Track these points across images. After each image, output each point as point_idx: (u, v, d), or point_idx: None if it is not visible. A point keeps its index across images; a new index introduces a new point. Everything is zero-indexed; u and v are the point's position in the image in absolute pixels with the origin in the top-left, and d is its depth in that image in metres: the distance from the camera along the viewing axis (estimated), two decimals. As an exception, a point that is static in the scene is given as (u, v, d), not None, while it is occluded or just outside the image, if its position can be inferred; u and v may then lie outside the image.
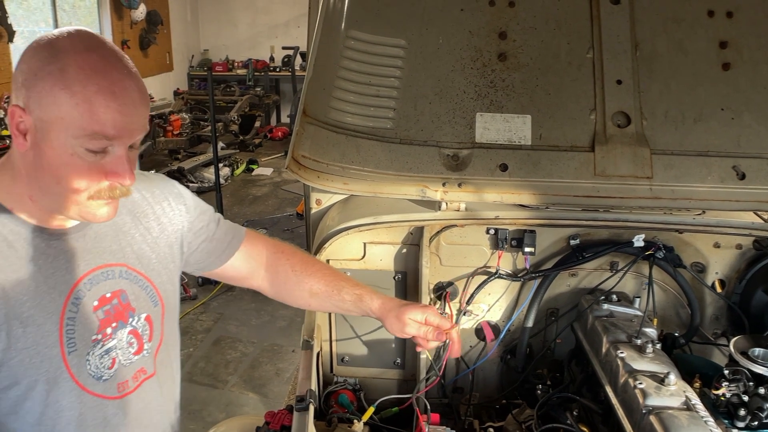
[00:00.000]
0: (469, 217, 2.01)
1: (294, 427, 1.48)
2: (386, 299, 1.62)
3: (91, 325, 1.28)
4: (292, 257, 1.67)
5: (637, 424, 1.56)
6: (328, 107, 1.98)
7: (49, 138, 1.13)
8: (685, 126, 2.04)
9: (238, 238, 1.63)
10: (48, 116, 1.12)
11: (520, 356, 2.19)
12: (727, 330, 2.17)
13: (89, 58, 1.12)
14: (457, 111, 2.03)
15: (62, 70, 1.11)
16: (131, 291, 1.36)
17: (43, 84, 1.11)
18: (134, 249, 1.38)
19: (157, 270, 1.42)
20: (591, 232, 2.10)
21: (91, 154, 1.15)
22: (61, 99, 1.11)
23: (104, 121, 1.12)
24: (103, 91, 1.11)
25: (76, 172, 1.16)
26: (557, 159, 1.99)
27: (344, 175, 1.96)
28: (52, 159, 1.15)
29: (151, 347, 1.41)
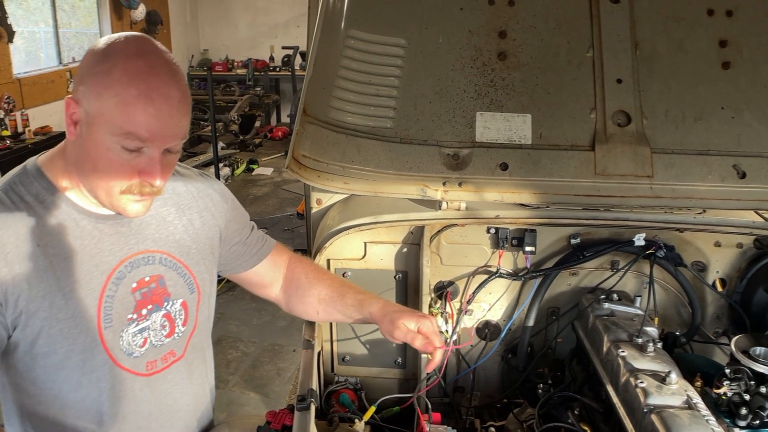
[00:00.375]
0: (470, 216, 2.01)
1: (295, 426, 1.48)
2: (387, 304, 1.67)
3: (128, 305, 1.39)
4: (307, 266, 1.80)
5: (639, 423, 1.56)
6: (329, 107, 1.98)
7: (92, 131, 1.23)
8: (686, 125, 2.04)
9: (268, 246, 1.76)
10: (92, 111, 1.22)
11: (521, 355, 2.18)
12: (728, 329, 2.17)
13: (136, 63, 1.21)
14: (457, 110, 2.02)
15: (109, 71, 1.20)
16: (169, 277, 1.46)
17: (92, 81, 1.22)
18: (176, 238, 1.48)
19: (196, 260, 1.52)
20: (592, 231, 2.10)
21: (126, 152, 1.24)
22: (104, 97, 1.20)
23: (139, 124, 1.21)
24: (142, 96, 1.20)
25: (110, 166, 1.25)
26: (557, 158, 1.99)
27: (345, 174, 1.96)
28: (92, 150, 1.24)
29: (185, 331, 1.52)
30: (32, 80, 7.63)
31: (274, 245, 1.78)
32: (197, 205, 1.56)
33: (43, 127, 7.30)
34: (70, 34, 8.95)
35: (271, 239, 1.80)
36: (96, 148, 1.24)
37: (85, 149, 1.26)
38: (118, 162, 1.25)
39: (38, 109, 7.57)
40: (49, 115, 7.74)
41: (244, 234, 1.69)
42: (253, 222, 1.78)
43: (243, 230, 1.69)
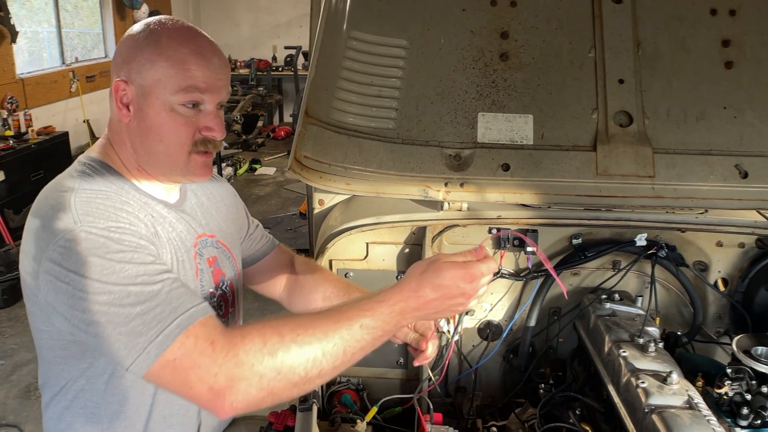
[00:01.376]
0: (472, 216, 2.02)
1: (297, 427, 1.48)
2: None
3: (210, 279, 1.48)
4: (312, 267, 1.82)
5: (640, 423, 1.56)
6: (330, 108, 1.99)
7: (150, 101, 1.29)
8: (688, 125, 2.04)
9: (272, 244, 1.79)
10: (148, 81, 1.28)
11: (522, 355, 2.19)
12: (729, 328, 2.17)
13: (179, 30, 1.31)
14: (459, 111, 2.03)
15: (157, 41, 1.29)
16: (221, 259, 1.53)
17: (141, 54, 1.29)
18: (217, 223, 1.56)
19: (234, 243, 1.61)
20: (593, 232, 2.10)
21: (187, 108, 1.30)
22: (159, 63, 1.28)
23: (196, 76, 1.29)
24: (193, 53, 1.29)
25: (176, 126, 1.31)
26: (559, 158, 1.99)
27: (346, 175, 1.97)
28: (154, 119, 1.30)
29: (232, 313, 1.58)
30: (35, 80, 7.64)
31: (278, 244, 1.82)
32: (220, 194, 1.64)
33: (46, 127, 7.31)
34: (73, 34, 8.96)
35: (274, 239, 1.83)
36: (158, 115, 1.30)
37: (146, 122, 1.31)
38: (182, 121, 1.31)
39: (41, 108, 7.57)
40: (53, 115, 7.75)
41: (250, 229, 1.74)
42: (257, 220, 1.82)
43: (249, 225, 1.74)
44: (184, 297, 1.17)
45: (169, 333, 1.12)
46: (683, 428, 1.43)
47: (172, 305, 1.15)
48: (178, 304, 1.15)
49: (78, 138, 8.00)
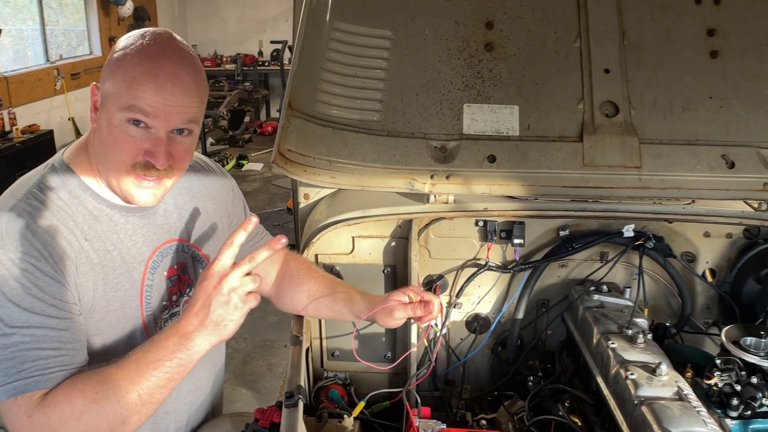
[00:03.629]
0: (458, 209, 2.00)
1: (283, 424, 1.46)
2: (372, 297, 1.71)
3: (163, 292, 1.47)
4: (300, 263, 1.84)
5: (629, 414, 1.55)
6: (314, 100, 1.96)
7: (105, 110, 1.30)
8: (674, 115, 2.03)
9: (265, 239, 1.78)
10: (107, 91, 1.29)
11: (510, 348, 2.18)
12: (718, 319, 2.16)
13: (149, 48, 1.29)
14: (444, 102, 2.01)
15: (125, 54, 1.29)
16: (190, 264, 1.54)
17: (108, 65, 1.31)
18: (193, 226, 1.55)
19: (212, 246, 1.59)
20: (580, 223, 2.09)
21: (133, 129, 1.28)
22: (116, 76, 1.28)
23: (141, 98, 1.26)
24: (146, 74, 1.26)
25: (118, 143, 1.29)
26: (545, 149, 1.98)
27: (331, 168, 1.94)
28: (105, 129, 1.30)
29: None
30: (19, 78, 7.56)
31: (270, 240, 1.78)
32: (209, 192, 1.63)
33: (31, 126, 7.25)
34: (58, 32, 8.88)
35: (269, 234, 1.82)
36: (108, 128, 1.29)
37: (101, 131, 1.31)
38: (125, 139, 1.29)
39: (26, 107, 7.51)
40: (37, 113, 7.68)
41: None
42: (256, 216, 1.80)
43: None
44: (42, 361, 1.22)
45: (4, 390, 1.20)
46: (673, 420, 1.42)
47: (23, 366, 1.20)
48: (29, 366, 1.21)
49: (63, 136, 7.94)
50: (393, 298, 1.64)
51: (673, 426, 1.41)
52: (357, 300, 1.72)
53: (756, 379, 1.58)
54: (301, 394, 1.52)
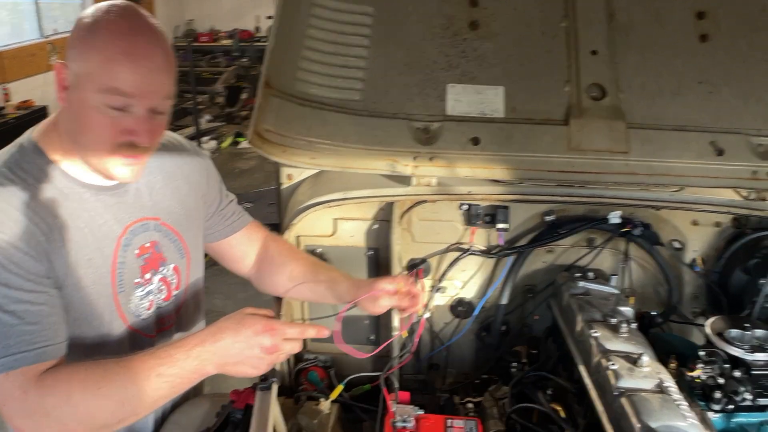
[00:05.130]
0: (441, 192, 1.96)
1: (256, 406, 1.44)
2: (356, 281, 1.68)
3: (135, 270, 1.45)
4: (281, 245, 1.82)
5: (609, 405, 1.51)
6: (294, 79, 1.91)
7: (80, 92, 1.26)
8: (663, 99, 1.98)
9: (244, 220, 1.76)
10: (80, 71, 1.25)
11: (494, 333, 2.15)
12: (706, 309, 2.13)
13: (119, 24, 1.25)
14: (428, 82, 1.96)
15: (94, 31, 1.25)
16: (163, 243, 1.51)
17: (78, 43, 1.26)
18: (166, 205, 1.52)
19: (185, 225, 1.57)
20: (566, 208, 2.05)
21: (112, 110, 1.25)
22: (90, 56, 1.24)
23: (123, 80, 1.24)
24: (124, 53, 1.24)
25: (98, 126, 1.27)
26: (531, 132, 1.93)
27: (311, 149, 1.90)
28: (80, 112, 1.27)
29: (177, 295, 1.57)
30: (12, 53, 7.47)
31: (250, 221, 1.79)
32: (182, 171, 1.60)
33: (25, 101, 7.17)
34: (55, 5, 8.74)
35: (247, 215, 1.80)
36: (84, 109, 1.26)
37: (75, 112, 1.28)
38: (106, 121, 1.26)
39: (20, 82, 7.42)
40: (31, 89, 7.59)
41: (222, 203, 1.72)
42: (234, 195, 1.79)
43: (221, 200, 1.72)
44: (27, 336, 1.21)
45: None
46: (652, 413, 1.39)
47: (7, 342, 1.20)
48: (13, 343, 1.20)
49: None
50: (380, 286, 1.60)
51: (652, 419, 1.38)
52: (340, 283, 1.70)
53: (739, 373, 1.55)
54: (275, 377, 1.50)
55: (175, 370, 1.23)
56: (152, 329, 1.52)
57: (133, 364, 1.22)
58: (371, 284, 1.63)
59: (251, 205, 6.34)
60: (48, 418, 1.19)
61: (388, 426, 1.59)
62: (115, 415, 1.22)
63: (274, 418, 1.43)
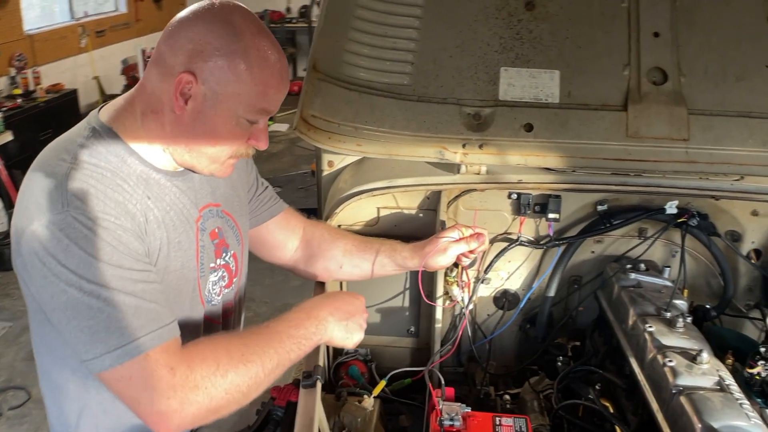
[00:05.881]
0: (490, 180, 1.89)
1: (300, 405, 1.39)
2: (415, 245, 1.70)
3: (211, 254, 1.45)
4: (326, 227, 1.81)
5: (666, 404, 1.46)
6: (341, 62, 1.85)
7: (219, 109, 1.26)
8: (726, 84, 1.89)
9: (280, 206, 1.74)
10: (225, 90, 1.24)
11: (540, 326, 2.09)
12: (760, 302, 2.05)
13: (264, 43, 1.26)
14: (480, 65, 1.88)
15: (245, 51, 1.23)
16: (224, 229, 1.50)
17: (225, 61, 1.23)
18: (222, 191, 1.51)
19: (238, 212, 1.56)
20: (620, 198, 1.97)
21: (248, 124, 1.30)
22: (243, 78, 1.24)
23: (273, 101, 1.30)
24: (275, 76, 1.28)
25: (233, 137, 1.31)
26: (587, 119, 1.86)
27: (357, 135, 1.84)
28: (217, 126, 1.28)
29: (237, 282, 1.56)
30: (44, 36, 7.47)
31: (286, 207, 1.77)
32: None
33: (55, 85, 7.18)
34: (85, -12, 8.75)
35: (282, 201, 1.78)
36: (222, 124, 1.28)
37: (204, 125, 1.28)
38: (239, 134, 1.31)
39: (50, 66, 7.42)
40: (61, 72, 7.61)
41: (259, 189, 1.70)
42: (266, 181, 1.76)
43: (257, 185, 1.70)
44: (152, 315, 1.19)
45: (128, 350, 1.14)
46: (714, 412, 1.33)
47: (139, 322, 1.16)
48: (145, 322, 1.17)
49: (87, 95, 7.89)
50: (443, 237, 1.66)
51: (714, 419, 1.32)
52: (400, 249, 1.70)
53: (805, 371, 1.48)
54: (319, 375, 1.45)
55: (301, 331, 1.33)
56: (219, 316, 1.51)
57: (266, 330, 1.30)
58: (431, 241, 1.67)
59: (280, 190, 6.32)
60: (196, 392, 1.16)
61: (435, 424, 1.54)
62: (256, 380, 1.24)
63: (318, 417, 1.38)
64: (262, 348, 1.26)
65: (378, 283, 1.94)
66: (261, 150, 1.38)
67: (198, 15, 1.25)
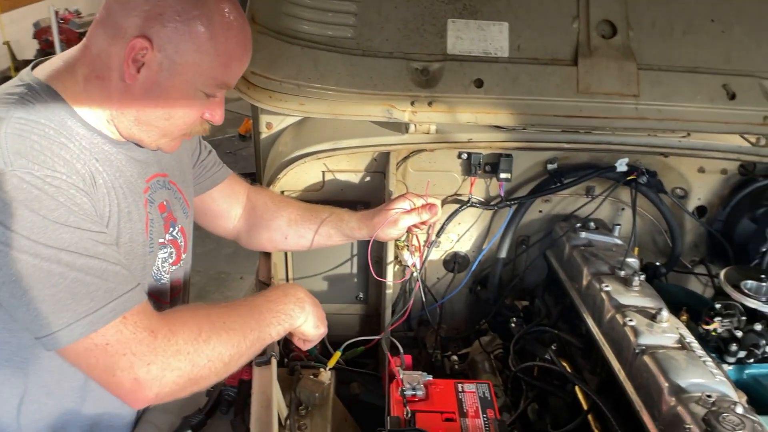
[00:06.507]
0: (440, 140, 1.82)
1: (255, 383, 1.31)
2: (364, 213, 1.63)
3: (160, 229, 1.33)
4: (271, 193, 1.72)
5: (628, 363, 1.44)
6: (281, 13, 1.70)
7: (176, 79, 1.16)
8: (674, 38, 1.87)
9: (224, 172, 1.64)
10: (184, 60, 1.14)
11: (492, 288, 2.05)
12: (705, 258, 2.08)
13: (229, 8, 1.16)
14: (427, 17, 1.78)
15: (209, 17, 1.13)
16: (172, 201, 1.39)
17: (186, 27, 1.12)
18: (168, 160, 1.39)
19: (184, 182, 1.45)
20: (569, 156, 1.94)
21: (205, 97, 1.21)
22: (205, 47, 1.14)
23: (234, 74, 1.23)
24: (240, 47, 1.19)
25: (189, 110, 1.21)
26: (537, 74, 1.80)
27: (300, 94, 1.72)
28: (172, 98, 1.18)
29: (185, 259, 1.46)
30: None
31: (230, 173, 1.67)
32: None
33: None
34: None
35: (227, 167, 1.67)
36: (178, 97, 1.18)
37: (158, 96, 1.17)
38: (195, 106, 1.22)
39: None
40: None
41: (202, 154, 1.59)
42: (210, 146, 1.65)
43: (201, 150, 1.59)
44: (121, 277, 1.09)
45: (102, 315, 1.04)
46: (679, 371, 1.32)
47: (108, 285, 1.06)
48: (114, 285, 1.07)
49: (-2, 61, 7.35)
50: (393, 208, 1.58)
51: (679, 377, 1.31)
52: (347, 219, 1.63)
53: (760, 326, 1.49)
54: (274, 351, 1.36)
55: (280, 306, 1.29)
56: (168, 295, 1.40)
57: (244, 302, 1.27)
58: (381, 212, 1.59)
59: (207, 154, 6.05)
60: (178, 357, 1.08)
61: (396, 394, 1.48)
62: (238, 350, 1.17)
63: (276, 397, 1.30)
64: (243, 318, 1.21)
65: (325, 250, 1.86)
66: (217, 124, 1.29)
67: None
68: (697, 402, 1.24)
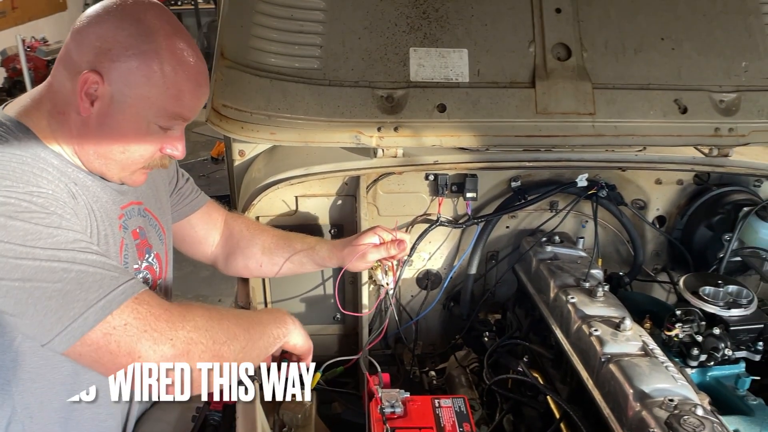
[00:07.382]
0: (407, 163, 1.88)
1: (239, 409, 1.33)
2: (335, 243, 1.67)
3: (134, 255, 1.35)
4: (247, 221, 1.76)
5: (595, 371, 1.50)
6: (248, 47, 1.76)
7: (128, 111, 1.18)
8: (626, 57, 1.96)
9: (202, 199, 1.68)
10: (133, 92, 1.16)
11: (464, 303, 2.11)
12: (666, 265, 2.16)
13: (178, 44, 1.19)
14: (389, 47, 1.85)
15: (156, 52, 1.15)
16: (147, 228, 1.41)
17: (134, 62, 1.15)
18: (142, 189, 1.41)
19: (160, 209, 1.48)
20: (531, 173, 2.01)
21: (161, 130, 1.23)
22: (154, 80, 1.16)
23: (188, 107, 1.22)
24: (191, 80, 1.20)
25: (144, 144, 1.22)
26: (497, 97, 1.87)
27: (270, 123, 1.77)
28: (126, 130, 1.20)
29: (161, 285, 1.47)
30: None
31: (208, 200, 1.70)
32: None
33: None
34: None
35: (204, 194, 1.71)
36: (132, 129, 1.20)
37: (112, 129, 1.20)
38: (151, 140, 1.23)
39: None
40: None
41: (180, 183, 1.62)
42: (188, 174, 1.68)
43: (178, 178, 1.62)
44: (121, 269, 1.11)
45: (114, 297, 1.05)
46: (643, 377, 1.38)
47: (112, 274, 1.08)
48: (117, 274, 1.08)
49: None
50: (362, 242, 1.61)
51: (643, 384, 1.37)
52: (319, 249, 1.66)
53: (718, 330, 1.56)
54: (256, 376, 1.40)
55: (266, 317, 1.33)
56: None
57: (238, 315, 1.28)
58: (351, 243, 1.63)
59: (180, 179, 6.05)
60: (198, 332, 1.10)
61: (376, 412, 1.53)
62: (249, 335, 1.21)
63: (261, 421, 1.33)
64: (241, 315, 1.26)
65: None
66: (178, 159, 1.30)
67: (108, 11, 1.17)
68: (660, 406, 1.29)
